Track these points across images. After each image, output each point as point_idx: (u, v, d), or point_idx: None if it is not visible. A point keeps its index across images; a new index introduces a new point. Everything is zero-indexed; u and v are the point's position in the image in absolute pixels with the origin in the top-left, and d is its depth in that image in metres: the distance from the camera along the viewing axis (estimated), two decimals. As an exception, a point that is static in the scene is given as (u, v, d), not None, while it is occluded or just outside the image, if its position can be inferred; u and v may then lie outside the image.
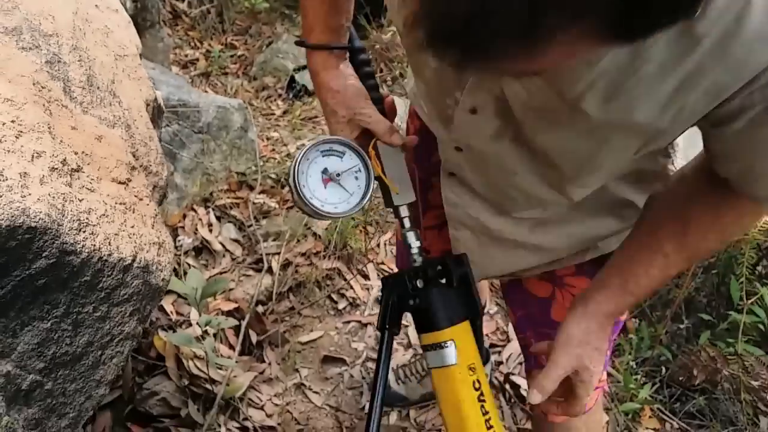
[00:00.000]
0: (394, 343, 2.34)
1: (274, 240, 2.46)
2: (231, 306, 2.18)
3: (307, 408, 2.11)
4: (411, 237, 1.03)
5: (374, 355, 2.29)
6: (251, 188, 2.66)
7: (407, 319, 1.65)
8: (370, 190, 1.02)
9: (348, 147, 1.02)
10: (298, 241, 2.49)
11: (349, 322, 2.37)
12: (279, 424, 2.04)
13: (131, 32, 1.23)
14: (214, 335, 2.12)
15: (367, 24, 4.02)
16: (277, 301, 2.32)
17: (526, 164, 0.93)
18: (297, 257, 2.44)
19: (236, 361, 2.06)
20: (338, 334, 2.33)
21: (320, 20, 1.06)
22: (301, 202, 0.96)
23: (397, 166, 1.05)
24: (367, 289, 2.50)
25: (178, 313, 2.15)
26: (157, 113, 1.22)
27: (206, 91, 3.84)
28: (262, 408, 2.05)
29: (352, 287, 2.47)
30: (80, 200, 0.80)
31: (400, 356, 2.30)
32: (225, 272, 2.30)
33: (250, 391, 2.06)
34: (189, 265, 2.27)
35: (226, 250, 2.36)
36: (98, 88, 0.99)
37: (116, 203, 0.88)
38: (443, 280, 0.97)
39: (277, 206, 2.66)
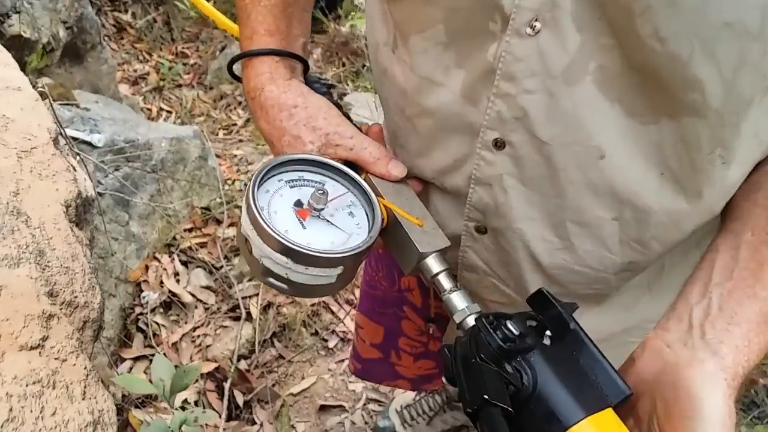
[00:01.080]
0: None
1: (249, 280, 2.23)
2: (210, 367, 1.96)
3: (308, 469, 1.92)
4: (458, 300, 0.65)
5: (376, 396, 2.09)
6: (218, 222, 2.42)
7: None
8: (378, 220, 0.68)
9: (328, 171, 0.71)
10: (277, 277, 2.27)
11: (342, 360, 2.17)
12: (280, 493, 1.85)
13: (41, 112, 0.98)
14: (195, 403, 1.91)
15: (324, 17, 3.76)
16: (261, 351, 2.10)
17: (623, 123, 0.57)
18: (277, 296, 2.22)
19: (224, 430, 1.85)
20: (332, 376, 2.13)
21: (265, 21, 0.78)
22: (269, 240, 0.61)
23: (409, 204, 0.72)
24: (358, 320, 2.29)
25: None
26: (83, 210, 0.99)
27: (161, 109, 3.58)
28: (259, 479, 1.85)
29: (341, 320, 2.26)
30: (-32, 406, 0.58)
31: (402, 394, 2.10)
32: (199, 326, 2.08)
33: (244, 461, 1.86)
34: (158, 324, 2.04)
35: (198, 301, 2.14)
36: (-7, 212, 0.77)
37: (27, 384, 0.66)
38: (546, 340, 0.59)
39: (249, 238, 2.43)
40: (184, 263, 2.23)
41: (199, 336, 2.06)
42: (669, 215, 0.63)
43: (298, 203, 0.67)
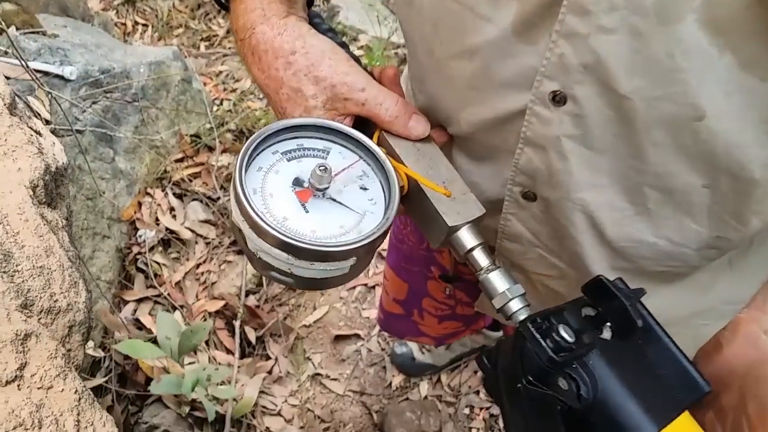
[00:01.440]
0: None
1: (250, 209, 2.11)
2: (218, 305, 1.88)
3: (328, 400, 1.88)
4: (498, 281, 0.56)
5: (390, 321, 2.03)
6: (210, 149, 2.28)
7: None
8: (396, 197, 0.56)
9: (333, 136, 0.60)
10: (278, 203, 2.16)
11: (354, 287, 2.10)
12: (301, 427, 1.81)
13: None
14: (206, 343, 1.85)
15: None
16: (269, 285, 2.02)
17: (734, 77, 0.44)
18: (280, 224, 2.11)
19: (238, 367, 1.80)
20: (345, 304, 2.06)
21: None
22: (264, 235, 0.50)
23: (434, 165, 0.60)
24: (366, 242, 2.20)
25: (159, 327, 1.86)
26: (54, 185, 0.86)
27: (136, 23, 3.35)
28: (279, 414, 1.82)
29: (349, 244, 2.17)
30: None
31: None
32: (202, 263, 1.99)
33: (262, 397, 1.82)
34: (158, 263, 1.95)
35: (198, 236, 2.03)
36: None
37: (7, 432, 0.56)
38: (605, 333, 0.50)
39: (244, 163, 2.30)
40: (179, 196, 2.11)
41: (202, 273, 1.97)
42: None
43: (298, 182, 0.55)
